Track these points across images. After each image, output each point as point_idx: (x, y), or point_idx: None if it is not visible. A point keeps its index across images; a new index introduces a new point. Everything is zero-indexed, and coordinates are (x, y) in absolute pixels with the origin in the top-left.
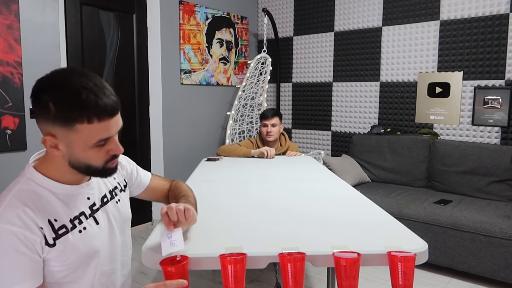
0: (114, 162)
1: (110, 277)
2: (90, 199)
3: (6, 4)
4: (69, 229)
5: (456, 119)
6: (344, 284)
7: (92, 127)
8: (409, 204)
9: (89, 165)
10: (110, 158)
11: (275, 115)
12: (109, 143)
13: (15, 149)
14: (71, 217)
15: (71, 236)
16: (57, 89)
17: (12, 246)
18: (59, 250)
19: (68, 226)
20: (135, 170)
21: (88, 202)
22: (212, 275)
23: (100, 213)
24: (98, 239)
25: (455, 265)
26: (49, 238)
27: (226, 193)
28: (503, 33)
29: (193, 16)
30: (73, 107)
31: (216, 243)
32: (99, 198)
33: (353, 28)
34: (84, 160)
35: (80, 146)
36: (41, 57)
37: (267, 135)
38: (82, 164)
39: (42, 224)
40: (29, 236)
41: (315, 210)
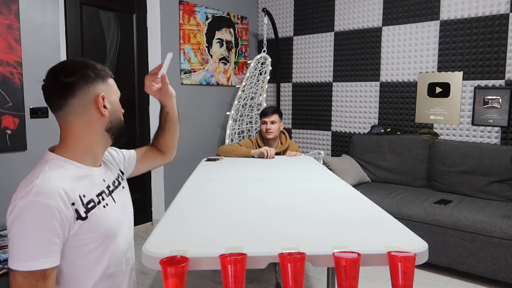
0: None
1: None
2: (105, 181)
3: (6, 4)
4: (96, 203)
5: (456, 119)
6: (344, 284)
7: (113, 82)
8: (409, 204)
9: (121, 120)
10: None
11: (275, 113)
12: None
13: (15, 149)
14: (96, 193)
15: (97, 211)
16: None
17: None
18: (91, 222)
19: (95, 200)
20: (120, 152)
21: (104, 183)
22: (212, 275)
23: (115, 194)
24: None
25: (455, 265)
26: (81, 212)
27: (226, 193)
28: (503, 33)
29: (193, 16)
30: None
31: (216, 243)
32: (111, 181)
33: (353, 28)
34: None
35: (114, 97)
36: (41, 57)
37: (266, 132)
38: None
39: (74, 199)
40: (64, 212)
41: (315, 210)
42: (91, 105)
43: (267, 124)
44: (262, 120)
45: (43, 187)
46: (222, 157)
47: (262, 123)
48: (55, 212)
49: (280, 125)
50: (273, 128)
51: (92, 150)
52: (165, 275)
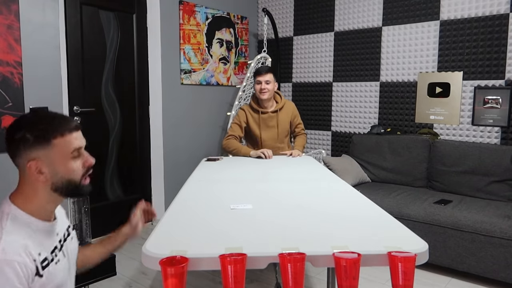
0: (87, 179)
1: None
2: (58, 235)
3: (6, 4)
4: (49, 261)
5: (456, 119)
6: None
7: (66, 139)
8: (409, 204)
9: (70, 180)
10: (86, 171)
11: (269, 72)
12: (82, 155)
13: None
14: (50, 250)
15: (50, 268)
16: (30, 122)
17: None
18: (44, 279)
19: (49, 258)
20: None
21: (57, 237)
22: (212, 275)
23: (64, 247)
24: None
25: (455, 265)
26: (40, 268)
27: (226, 193)
28: (503, 33)
29: (193, 16)
30: (47, 128)
31: (216, 243)
32: (63, 233)
33: (353, 28)
34: (66, 175)
35: (60, 160)
36: (41, 57)
37: (261, 92)
38: (64, 180)
39: (35, 256)
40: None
41: (315, 210)
42: (25, 168)
43: (261, 84)
44: (256, 79)
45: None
46: (222, 157)
47: (256, 83)
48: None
49: (274, 85)
50: (268, 87)
51: (45, 207)
52: (165, 275)
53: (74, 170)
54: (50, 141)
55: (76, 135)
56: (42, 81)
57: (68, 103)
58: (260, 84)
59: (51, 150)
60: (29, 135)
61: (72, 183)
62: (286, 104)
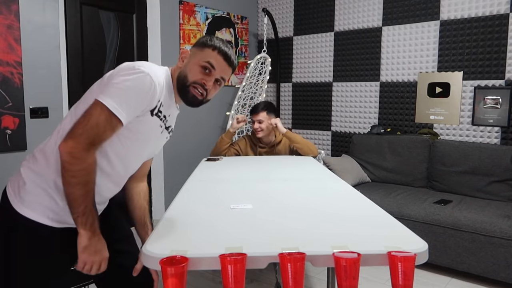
0: (196, 91)
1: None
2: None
3: (6, 4)
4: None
5: (456, 119)
6: (344, 284)
7: (210, 53)
8: (409, 204)
9: (186, 76)
10: (198, 83)
11: (262, 110)
12: (208, 76)
13: (15, 149)
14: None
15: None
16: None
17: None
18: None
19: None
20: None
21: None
22: (212, 275)
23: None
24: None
25: (455, 265)
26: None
27: (226, 193)
28: (503, 33)
29: (193, 16)
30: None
31: (216, 243)
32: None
33: (353, 28)
34: (188, 70)
35: (196, 60)
36: (41, 57)
37: (256, 131)
38: (184, 73)
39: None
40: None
41: (315, 210)
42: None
43: (255, 123)
44: (251, 118)
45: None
46: (222, 157)
47: (251, 121)
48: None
49: (268, 123)
50: (262, 126)
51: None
52: (165, 275)
53: (193, 72)
54: (204, 48)
55: (219, 59)
56: (42, 81)
57: (68, 103)
58: (254, 123)
59: (199, 52)
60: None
61: (185, 79)
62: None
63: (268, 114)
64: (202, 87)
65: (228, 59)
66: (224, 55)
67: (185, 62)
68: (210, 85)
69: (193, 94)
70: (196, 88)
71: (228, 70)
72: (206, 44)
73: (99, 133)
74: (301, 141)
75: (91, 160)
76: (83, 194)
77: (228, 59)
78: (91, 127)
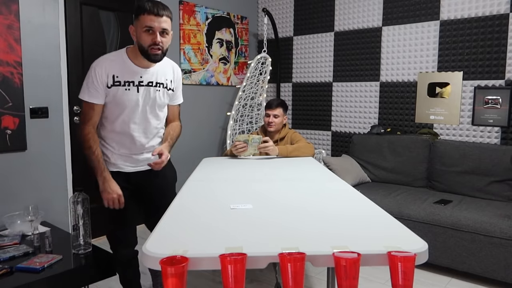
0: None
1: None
2: (142, 78)
3: (6, 4)
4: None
5: (456, 119)
6: (344, 284)
7: (145, 17)
8: (409, 204)
9: (141, 45)
10: (151, 44)
11: (279, 106)
12: (153, 34)
13: (15, 149)
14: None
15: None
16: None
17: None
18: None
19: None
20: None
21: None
22: (212, 275)
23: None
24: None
25: (455, 265)
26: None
27: (226, 193)
28: (503, 33)
29: (193, 16)
30: (140, 7)
31: (216, 243)
32: (147, 81)
33: (353, 28)
34: (139, 40)
35: (139, 29)
36: (41, 57)
37: (268, 125)
38: (139, 43)
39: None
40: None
41: (315, 210)
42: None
43: (270, 117)
44: (266, 112)
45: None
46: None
47: (266, 115)
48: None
49: (283, 119)
50: (276, 121)
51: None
52: (165, 275)
53: (143, 39)
54: (138, 16)
55: (153, 18)
56: (42, 81)
57: (68, 103)
58: (269, 117)
59: (137, 22)
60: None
61: (142, 47)
62: (288, 134)
63: (283, 111)
64: (155, 44)
65: (156, 13)
66: (151, 12)
67: (135, 35)
68: (159, 39)
69: (153, 53)
70: (153, 48)
71: (162, 20)
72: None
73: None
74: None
75: (86, 131)
76: (88, 154)
77: (156, 13)
78: (82, 114)
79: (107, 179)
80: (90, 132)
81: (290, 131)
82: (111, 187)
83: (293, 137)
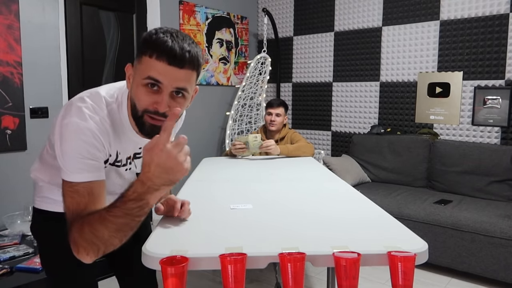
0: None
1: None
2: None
3: (6, 4)
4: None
5: (456, 119)
6: (344, 284)
7: (150, 61)
8: (409, 204)
9: (135, 105)
10: (151, 110)
11: (281, 106)
12: (158, 94)
13: (15, 149)
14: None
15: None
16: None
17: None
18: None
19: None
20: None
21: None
22: (212, 275)
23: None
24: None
25: (455, 265)
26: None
27: (226, 193)
28: (503, 33)
29: (193, 16)
30: (146, 41)
31: (216, 243)
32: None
33: (353, 28)
34: (134, 97)
35: (138, 78)
36: (41, 57)
37: (270, 123)
38: (132, 101)
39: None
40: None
41: (315, 210)
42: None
43: (272, 115)
44: (268, 111)
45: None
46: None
47: (267, 114)
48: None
49: (284, 118)
50: (277, 120)
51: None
52: (165, 275)
53: (140, 98)
54: (141, 56)
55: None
56: (42, 81)
57: None
58: (271, 116)
59: (138, 64)
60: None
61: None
62: (289, 133)
63: (284, 111)
64: (157, 113)
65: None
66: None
67: (131, 82)
68: (164, 107)
69: (150, 124)
70: (151, 117)
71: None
72: (142, 50)
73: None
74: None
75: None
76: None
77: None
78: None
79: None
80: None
81: (290, 131)
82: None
83: (293, 137)
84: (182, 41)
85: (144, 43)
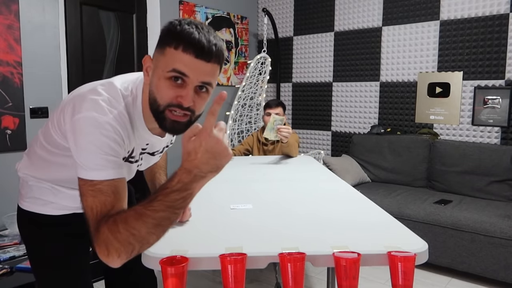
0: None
1: None
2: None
3: (6, 4)
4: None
5: (456, 119)
6: (344, 284)
7: (175, 53)
8: (409, 204)
9: (155, 99)
10: (174, 104)
11: (279, 106)
12: (182, 88)
13: (15, 149)
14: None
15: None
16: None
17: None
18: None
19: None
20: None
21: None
22: (212, 275)
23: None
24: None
25: (455, 265)
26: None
27: (226, 193)
28: (503, 33)
29: (193, 16)
30: (170, 32)
31: (216, 243)
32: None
33: (353, 28)
34: (155, 90)
35: (159, 71)
36: (41, 57)
37: None
38: (152, 95)
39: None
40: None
41: (315, 210)
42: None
43: (271, 116)
44: (266, 111)
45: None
46: None
47: (266, 114)
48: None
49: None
50: None
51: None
52: (165, 275)
53: (162, 92)
54: (164, 48)
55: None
56: (42, 81)
57: None
58: (269, 116)
59: (161, 56)
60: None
61: (156, 103)
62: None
63: (283, 111)
64: (181, 107)
65: (203, 51)
66: (195, 49)
67: (150, 75)
68: (189, 101)
69: (172, 120)
70: (174, 111)
71: (208, 67)
72: (166, 41)
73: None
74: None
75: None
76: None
77: (203, 52)
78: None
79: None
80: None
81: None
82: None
83: (292, 137)
84: (208, 33)
85: (168, 33)
